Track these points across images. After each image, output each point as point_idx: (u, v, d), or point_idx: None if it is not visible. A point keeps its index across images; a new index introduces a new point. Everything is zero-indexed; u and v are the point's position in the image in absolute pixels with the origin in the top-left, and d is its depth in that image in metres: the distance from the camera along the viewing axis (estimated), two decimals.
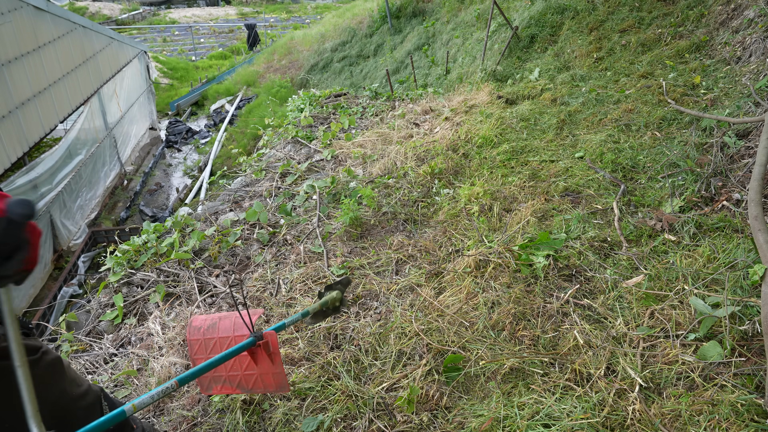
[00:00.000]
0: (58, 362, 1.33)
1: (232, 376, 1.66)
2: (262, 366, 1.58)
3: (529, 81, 6.26)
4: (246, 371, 1.63)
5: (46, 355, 1.30)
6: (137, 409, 1.21)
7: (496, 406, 1.86)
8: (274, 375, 1.57)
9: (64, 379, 1.34)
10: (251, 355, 1.60)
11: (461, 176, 3.91)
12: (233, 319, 1.73)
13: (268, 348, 1.56)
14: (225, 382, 1.68)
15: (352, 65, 14.28)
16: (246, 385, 1.63)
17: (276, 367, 1.55)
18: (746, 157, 3.23)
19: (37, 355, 1.27)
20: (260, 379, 1.61)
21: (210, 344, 1.73)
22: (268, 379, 1.58)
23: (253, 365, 1.60)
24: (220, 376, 1.71)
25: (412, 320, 2.36)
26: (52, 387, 1.29)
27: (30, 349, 1.26)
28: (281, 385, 1.58)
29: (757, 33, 4.76)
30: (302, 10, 32.52)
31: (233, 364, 1.67)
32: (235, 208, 4.10)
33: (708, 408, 1.71)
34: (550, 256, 2.65)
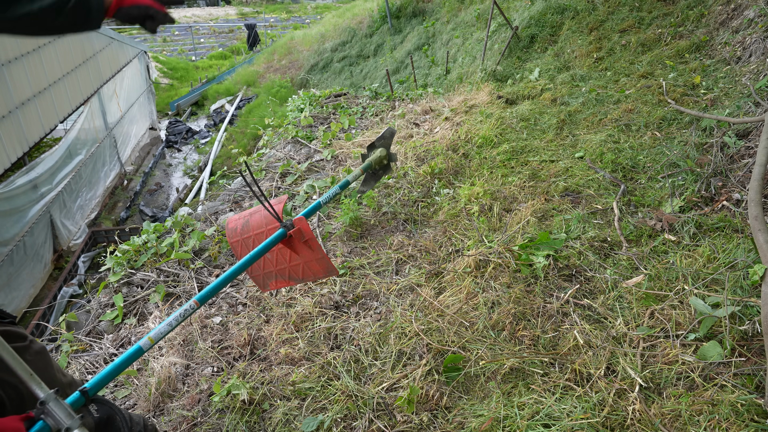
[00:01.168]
0: (44, 351, 1.34)
1: (281, 270, 1.59)
2: (303, 254, 1.49)
3: (529, 81, 6.26)
4: (291, 263, 1.55)
5: (34, 344, 1.31)
6: (154, 341, 1.17)
7: (496, 406, 1.86)
8: (318, 261, 1.49)
9: (53, 366, 1.35)
10: (288, 246, 1.50)
11: (461, 176, 3.91)
12: (262, 212, 1.62)
13: (301, 235, 1.46)
14: (277, 277, 1.61)
15: (352, 65, 14.28)
16: (296, 275, 1.55)
17: (317, 253, 1.46)
18: (746, 157, 3.23)
19: (26, 342, 1.28)
20: (307, 267, 1.52)
21: (249, 242, 1.64)
22: (314, 266, 1.49)
23: (294, 255, 1.52)
24: (271, 272, 1.63)
25: (412, 320, 2.36)
26: (44, 373, 1.29)
27: (18, 335, 1.27)
28: (328, 269, 1.49)
29: (757, 33, 4.76)
30: (302, 10, 32.53)
31: (278, 258, 1.58)
32: (235, 208, 4.10)
33: (708, 408, 1.71)
34: (550, 256, 2.65)
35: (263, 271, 1.64)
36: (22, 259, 7.28)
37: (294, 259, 1.54)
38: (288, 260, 1.56)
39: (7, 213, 7.06)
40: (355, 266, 2.95)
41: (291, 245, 1.51)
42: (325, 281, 2.85)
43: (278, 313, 2.63)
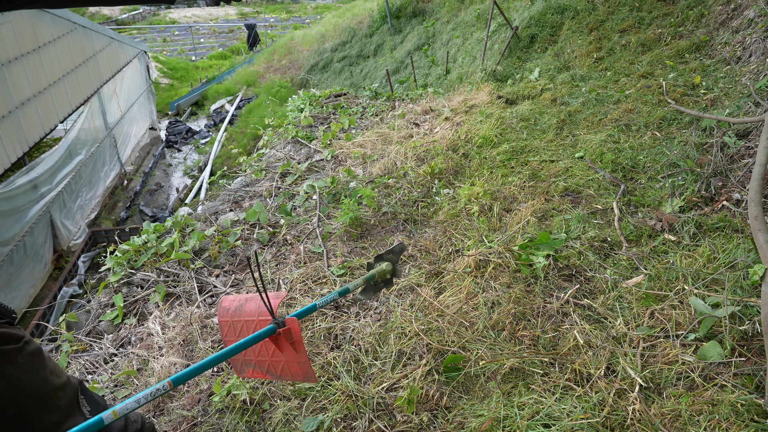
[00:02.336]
0: (39, 352, 1.35)
1: (261, 362, 1.60)
2: (287, 353, 1.50)
3: (529, 81, 6.26)
4: (273, 357, 1.55)
5: (28, 345, 1.31)
6: (118, 416, 1.13)
7: (496, 406, 1.86)
8: (299, 364, 1.49)
9: (46, 368, 1.35)
10: (274, 342, 1.51)
11: (461, 176, 3.91)
12: (257, 301, 1.63)
13: (290, 336, 1.47)
14: (255, 367, 1.62)
15: (352, 65, 14.28)
16: (274, 371, 1.55)
17: (300, 356, 1.47)
18: (746, 157, 3.23)
19: (19, 344, 1.28)
20: (287, 366, 1.52)
21: (238, 326, 1.65)
22: (294, 367, 1.50)
23: (278, 352, 1.53)
24: (250, 360, 1.64)
25: (412, 320, 2.36)
26: (35, 375, 1.29)
27: (13, 338, 1.28)
28: (306, 374, 1.49)
29: (757, 33, 4.76)
30: (302, 10, 32.53)
31: (261, 349, 1.59)
32: (235, 208, 4.10)
33: (708, 408, 1.71)
34: (550, 256, 2.65)
35: (243, 357, 1.65)
36: (22, 259, 7.29)
37: (276, 355, 1.56)
38: (270, 354, 1.58)
39: (7, 213, 7.06)
40: (355, 266, 2.95)
41: (277, 342, 1.53)
42: (325, 281, 2.85)
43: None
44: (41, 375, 1.32)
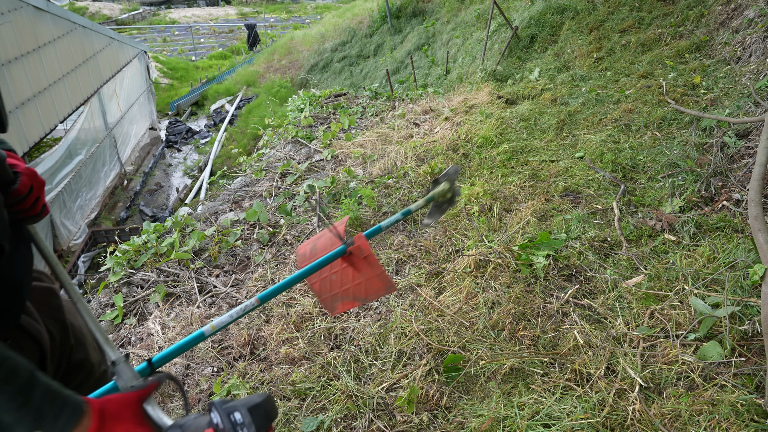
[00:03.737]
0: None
1: (345, 291, 1.66)
2: (364, 271, 1.57)
3: (529, 81, 6.26)
4: (354, 281, 1.62)
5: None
6: (215, 329, 1.22)
7: (496, 406, 1.86)
8: (377, 277, 1.56)
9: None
10: (349, 263, 1.59)
11: (461, 176, 3.91)
12: (327, 236, 1.71)
13: (361, 252, 1.55)
14: (342, 298, 1.68)
15: (352, 65, 14.28)
16: (359, 294, 1.61)
17: (375, 269, 1.54)
18: (746, 157, 3.23)
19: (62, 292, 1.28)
20: (368, 284, 1.59)
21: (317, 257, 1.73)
22: (374, 283, 1.57)
23: (356, 273, 1.60)
24: (336, 293, 1.70)
25: (412, 320, 2.36)
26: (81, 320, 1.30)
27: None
28: (387, 285, 1.56)
29: (757, 33, 4.76)
30: (302, 10, 32.53)
31: (342, 278, 1.65)
32: (235, 208, 4.10)
33: (708, 408, 1.71)
34: (550, 256, 2.65)
35: (330, 293, 1.70)
36: None
37: (356, 278, 1.63)
38: (351, 280, 1.64)
39: None
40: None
41: (352, 262, 1.60)
42: None
43: (278, 313, 2.63)
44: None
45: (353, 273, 1.62)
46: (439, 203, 2.02)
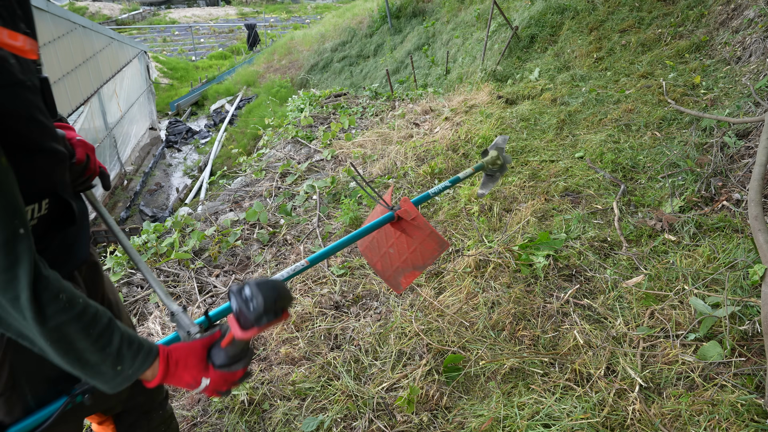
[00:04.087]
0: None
1: (404, 261, 1.66)
2: (416, 236, 1.59)
3: (529, 81, 6.26)
4: (410, 250, 1.63)
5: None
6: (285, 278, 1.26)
7: (496, 406, 1.86)
8: (429, 238, 1.57)
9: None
10: (400, 229, 1.61)
11: None
12: (379, 209, 1.75)
13: (408, 214, 1.56)
14: (403, 270, 1.68)
15: (352, 65, 14.28)
16: (417, 261, 1.63)
17: (426, 230, 1.56)
18: (746, 157, 3.23)
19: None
20: (423, 248, 1.60)
21: (374, 243, 1.75)
22: (428, 245, 1.58)
23: (410, 240, 1.61)
24: (397, 267, 1.70)
25: (412, 320, 2.36)
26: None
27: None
28: (441, 243, 1.57)
29: (757, 33, 4.76)
30: (302, 10, 32.53)
31: (399, 250, 1.66)
32: (235, 208, 4.10)
33: (708, 408, 1.71)
34: (550, 256, 2.65)
35: (392, 269, 1.71)
36: None
37: (411, 244, 1.64)
38: (407, 248, 1.66)
39: None
40: (355, 266, 2.95)
41: (402, 228, 1.62)
42: (325, 281, 2.85)
43: None
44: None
45: (407, 240, 1.63)
46: (491, 171, 2.05)
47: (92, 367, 0.84)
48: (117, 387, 0.88)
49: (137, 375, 0.89)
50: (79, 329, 0.80)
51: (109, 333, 0.85)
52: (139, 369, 0.89)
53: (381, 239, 1.73)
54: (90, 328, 0.82)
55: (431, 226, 1.57)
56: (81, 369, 0.83)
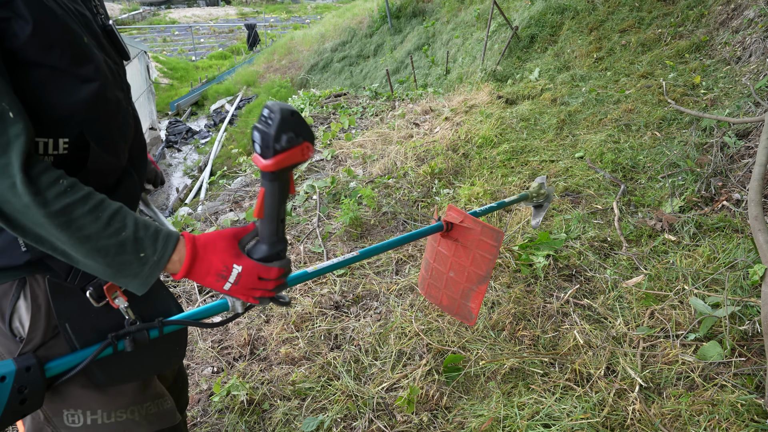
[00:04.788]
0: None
1: (468, 279, 1.58)
2: (470, 240, 1.53)
3: (529, 81, 6.27)
4: (470, 262, 1.57)
5: None
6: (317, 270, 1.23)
7: (496, 406, 1.86)
8: (483, 234, 1.51)
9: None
10: (453, 241, 1.58)
11: (461, 176, 3.91)
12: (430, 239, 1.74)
13: (454, 217, 1.55)
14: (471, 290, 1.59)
15: (352, 65, 14.28)
16: (481, 270, 1.56)
17: (477, 227, 1.51)
18: (746, 157, 3.23)
19: None
20: (480, 252, 1.54)
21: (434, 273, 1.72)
22: (484, 245, 1.52)
23: (466, 249, 1.56)
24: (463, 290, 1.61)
25: (412, 320, 2.36)
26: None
27: None
28: (496, 234, 1.50)
29: (757, 33, 4.76)
30: (302, 10, 32.54)
31: (458, 269, 1.60)
32: (235, 208, 4.10)
33: (708, 408, 1.71)
34: (550, 256, 2.65)
35: (459, 296, 1.63)
36: None
37: (468, 254, 1.56)
38: (466, 261, 1.57)
39: None
40: (355, 266, 2.95)
41: (454, 237, 1.57)
42: (325, 281, 2.85)
43: (278, 313, 2.63)
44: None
45: (464, 252, 1.57)
46: (537, 203, 2.08)
47: (114, 258, 0.80)
48: (147, 279, 0.84)
49: (164, 261, 0.84)
50: (86, 212, 0.77)
51: (121, 217, 0.81)
52: (164, 253, 0.84)
53: (439, 268, 1.68)
54: (98, 211, 0.79)
55: (481, 221, 1.50)
56: (103, 260, 0.79)
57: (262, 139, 0.79)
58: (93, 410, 0.94)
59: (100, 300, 0.89)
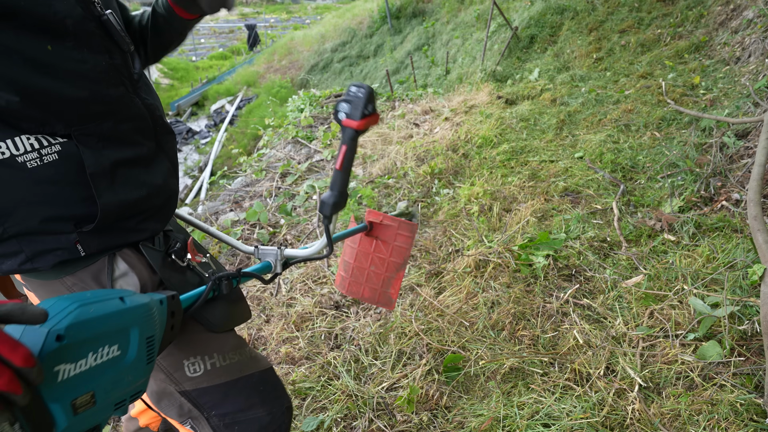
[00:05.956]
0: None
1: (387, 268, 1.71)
2: (389, 235, 1.66)
3: (529, 81, 6.27)
4: (389, 254, 1.70)
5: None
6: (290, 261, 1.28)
7: (495, 406, 1.86)
8: (400, 228, 1.64)
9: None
10: (374, 239, 1.69)
11: (461, 176, 3.91)
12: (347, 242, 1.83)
13: (375, 218, 1.66)
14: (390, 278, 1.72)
15: (352, 65, 14.29)
16: (399, 259, 1.69)
17: (394, 223, 1.64)
18: (745, 157, 3.23)
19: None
20: (398, 244, 1.67)
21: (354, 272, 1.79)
22: (401, 237, 1.66)
23: (386, 243, 1.68)
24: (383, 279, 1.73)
25: (412, 320, 2.36)
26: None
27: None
28: (411, 227, 1.64)
29: (756, 33, 4.76)
30: (302, 11, 32.55)
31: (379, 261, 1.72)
32: (236, 208, 4.11)
33: (707, 407, 1.71)
34: (550, 256, 2.65)
35: (380, 285, 1.75)
36: None
37: (387, 247, 1.70)
38: (386, 253, 1.71)
39: None
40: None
41: (375, 235, 1.70)
42: (325, 281, 2.85)
43: (278, 313, 2.63)
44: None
45: (384, 245, 1.70)
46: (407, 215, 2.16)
47: None
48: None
49: None
50: None
51: None
52: None
53: (360, 265, 1.78)
54: None
55: (398, 218, 1.65)
56: None
57: (353, 106, 1.00)
58: (210, 354, 1.03)
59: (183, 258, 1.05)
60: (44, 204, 0.87)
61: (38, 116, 0.84)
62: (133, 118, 0.98)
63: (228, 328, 1.08)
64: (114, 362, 0.72)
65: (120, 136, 0.94)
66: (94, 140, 0.90)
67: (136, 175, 0.97)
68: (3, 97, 0.80)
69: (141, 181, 0.98)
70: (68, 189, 0.89)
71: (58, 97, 0.85)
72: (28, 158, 0.84)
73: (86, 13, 0.88)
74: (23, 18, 0.80)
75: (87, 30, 0.88)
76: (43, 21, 0.82)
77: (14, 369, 0.54)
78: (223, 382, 1.03)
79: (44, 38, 0.83)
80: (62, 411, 0.63)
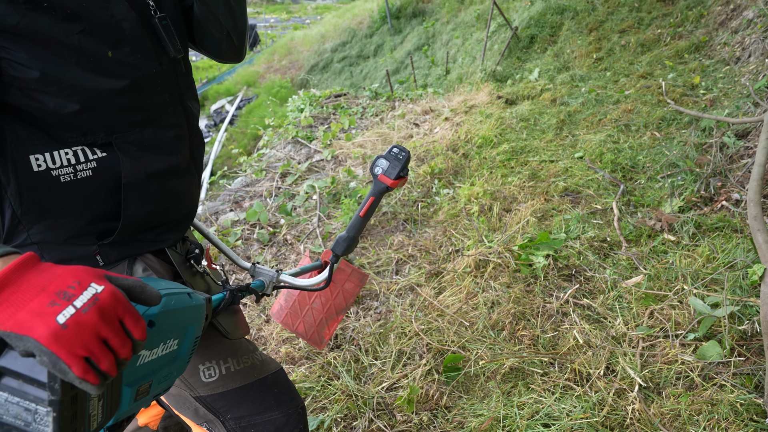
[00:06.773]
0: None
1: (328, 311, 1.70)
2: (339, 279, 1.68)
3: (529, 81, 6.27)
4: (334, 296, 1.70)
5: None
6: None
7: (495, 406, 1.86)
8: (351, 276, 1.67)
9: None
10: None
11: (461, 176, 3.91)
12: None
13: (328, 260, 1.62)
14: (329, 319, 1.72)
15: (352, 65, 14.29)
16: (341, 304, 1.69)
17: (347, 269, 1.66)
18: (745, 157, 3.23)
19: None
20: (345, 289, 1.69)
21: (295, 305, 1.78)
22: (350, 283, 1.68)
23: (333, 285, 1.69)
24: (321, 320, 1.73)
25: (412, 320, 2.36)
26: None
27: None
28: (361, 277, 1.67)
29: (756, 33, 4.76)
30: (302, 11, 32.54)
31: (323, 301, 1.72)
32: (236, 208, 4.11)
33: (707, 407, 1.71)
34: (550, 256, 2.65)
35: (315, 324, 1.75)
36: None
37: (334, 290, 1.71)
38: (331, 295, 1.72)
39: None
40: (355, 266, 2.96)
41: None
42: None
43: None
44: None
45: (332, 287, 1.69)
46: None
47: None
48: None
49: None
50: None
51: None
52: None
53: (302, 300, 1.78)
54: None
55: (352, 265, 1.66)
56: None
57: (391, 166, 1.18)
58: (225, 359, 1.05)
59: (199, 264, 1.08)
60: (71, 217, 0.87)
61: (86, 126, 0.83)
62: (173, 126, 0.97)
63: (238, 336, 1.10)
64: (171, 356, 0.72)
65: (159, 145, 0.94)
66: (134, 148, 0.90)
67: (167, 186, 0.97)
68: (66, 106, 0.79)
69: (170, 192, 0.98)
70: (96, 205, 0.89)
71: (110, 105, 0.84)
72: (62, 173, 0.83)
73: (140, 16, 0.87)
74: (86, 21, 0.79)
75: (140, 35, 0.87)
76: (103, 25, 0.82)
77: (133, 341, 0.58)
78: (237, 387, 1.05)
79: (105, 44, 0.82)
80: (130, 395, 0.64)
